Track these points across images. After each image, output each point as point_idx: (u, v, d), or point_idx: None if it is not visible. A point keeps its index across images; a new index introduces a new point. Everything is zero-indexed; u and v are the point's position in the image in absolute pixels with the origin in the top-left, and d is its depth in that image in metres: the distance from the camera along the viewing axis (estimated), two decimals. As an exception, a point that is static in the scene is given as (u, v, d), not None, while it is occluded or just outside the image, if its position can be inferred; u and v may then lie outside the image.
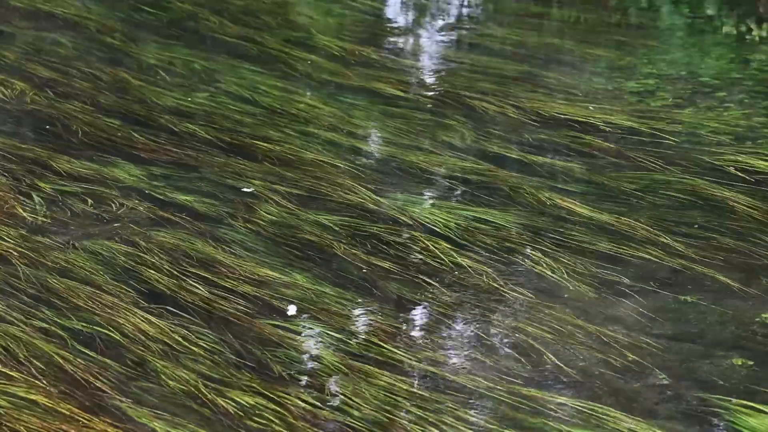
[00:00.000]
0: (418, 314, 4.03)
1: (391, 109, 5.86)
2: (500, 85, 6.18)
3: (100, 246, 4.41)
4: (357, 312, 4.02)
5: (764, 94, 6.02)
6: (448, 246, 4.41)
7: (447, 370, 3.67)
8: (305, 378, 3.63)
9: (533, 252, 4.39)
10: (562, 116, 5.69)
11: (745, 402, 3.47)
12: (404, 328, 3.93)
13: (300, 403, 3.48)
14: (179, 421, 3.42)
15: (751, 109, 5.80)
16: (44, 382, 3.57)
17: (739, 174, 4.97)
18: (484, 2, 8.10)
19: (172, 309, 4.00)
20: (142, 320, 3.91)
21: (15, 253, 4.35)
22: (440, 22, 7.65)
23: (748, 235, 4.50)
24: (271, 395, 3.51)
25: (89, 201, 4.81)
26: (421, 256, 4.36)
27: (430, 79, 6.46)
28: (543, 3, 7.97)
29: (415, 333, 3.90)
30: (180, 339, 3.82)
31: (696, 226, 4.57)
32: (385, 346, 3.79)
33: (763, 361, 3.69)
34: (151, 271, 4.22)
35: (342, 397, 3.53)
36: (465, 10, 7.96)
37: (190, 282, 4.16)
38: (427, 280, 4.21)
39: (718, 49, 6.87)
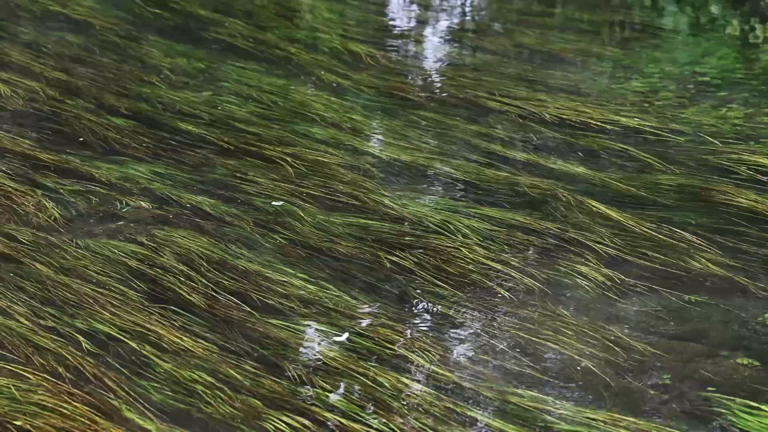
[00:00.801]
0: (423, 313, 4.04)
1: (400, 110, 5.86)
2: (504, 84, 6.19)
3: (106, 245, 4.42)
4: (366, 312, 4.03)
5: (768, 93, 6.04)
6: (456, 245, 4.42)
7: (453, 370, 3.69)
8: (317, 380, 3.63)
9: (537, 250, 4.41)
10: (565, 116, 5.70)
11: (748, 402, 3.47)
12: (408, 327, 3.94)
13: (310, 406, 3.50)
14: (184, 422, 3.44)
15: (755, 108, 5.80)
16: (49, 380, 3.59)
17: (745, 172, 4.97)
18: (487, 1, 8.11)
19: (178, 309, 4.01)
20: (148, 320, 3.92)
21: (22, 252, 4.36)
22: (445, 22, 7.66)
23: (753, 234, 4.50)
24: (279, 396, 3.53)
25: (94, 200, 4.82)
26: (425, 255, 4.37)
27: (435, 79, 6.46)
28: (546, 2, 7.98)
29: (421, 332, 3.91)
30: (187, 339, 3.83)
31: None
32: (391, 345, 3.80)
33: (766, 361, 3.69)
34: (158, 271, 4.24)
35: (349, 398, 3.54)
36: (468, 10, 7.97)
37: (197, 282, 4.17)
38: (432, 278, 4.22)
39: (721, 48, 6.87)
